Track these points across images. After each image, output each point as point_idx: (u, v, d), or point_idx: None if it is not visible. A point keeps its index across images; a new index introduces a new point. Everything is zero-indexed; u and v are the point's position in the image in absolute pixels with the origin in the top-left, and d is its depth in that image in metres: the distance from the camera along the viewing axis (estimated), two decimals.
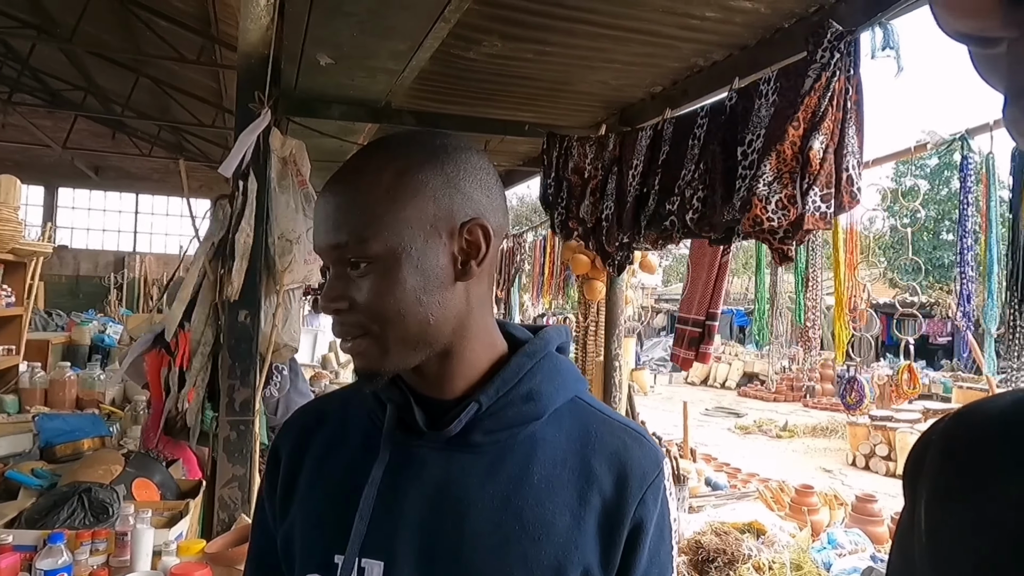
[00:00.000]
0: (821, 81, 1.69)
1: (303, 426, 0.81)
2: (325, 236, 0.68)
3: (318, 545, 0.72)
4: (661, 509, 0.72)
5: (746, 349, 17.75)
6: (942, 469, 0.44)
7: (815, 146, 1.66)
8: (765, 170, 1.70)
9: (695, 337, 3.38)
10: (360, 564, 0.69)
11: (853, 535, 3.62)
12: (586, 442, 0.73)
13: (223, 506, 2.64)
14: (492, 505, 0.69)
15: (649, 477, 0.72)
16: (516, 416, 0.71)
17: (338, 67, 2.63)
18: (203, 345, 2.65)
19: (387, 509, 0.70)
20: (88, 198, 17.11)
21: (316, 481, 0.76)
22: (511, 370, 0.72)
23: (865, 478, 7.84)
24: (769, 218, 1.69)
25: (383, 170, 0.68)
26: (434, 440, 0.71)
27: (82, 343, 6.83)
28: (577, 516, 0.69)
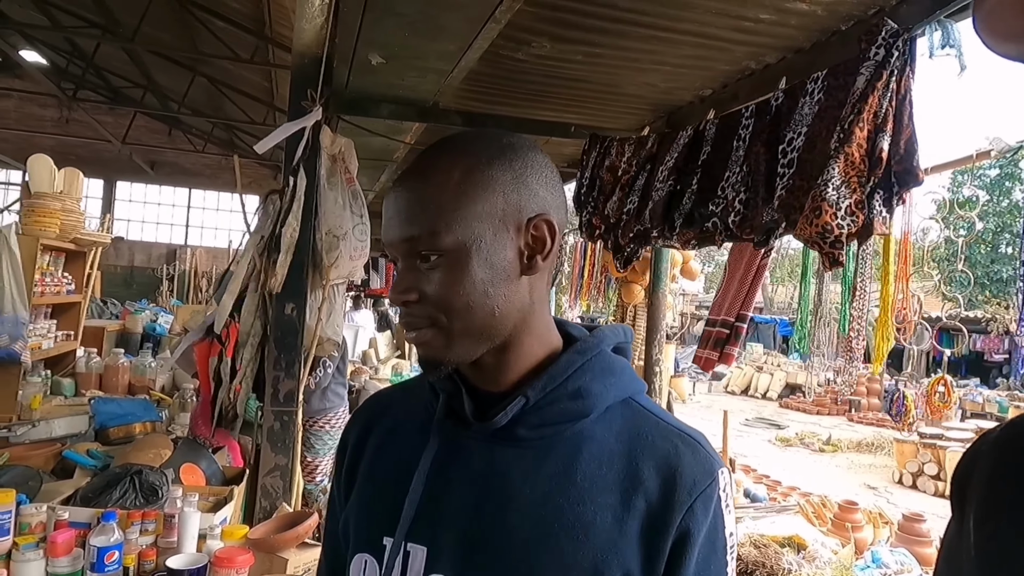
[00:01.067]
0: (881, 80, 1.63)
1: (369, 415, 0.85)
2: (398, 229, 0.69)
3: (370, 527, 0.75)
4: (714, 522, 0.69)
5: (789, 360, 17.33)
6: (994, 480, 0.43)
7: (884, 147, 1.60)
8: (833, 174, 1.63)
9: (721, 338, 3.33)
10: (406, 548, 0.71)
11: (899, 555, 3.50)
12: (635, 444, 0.71)
13: (265, 494, 2.70)
14: (533, 501, 0.69)
15: (700, 486, 0.69)
16: (563, 413, 0.71)
17: (388, 67, 2.67)
18: (252, 336, 2.72)
19: (433, 497, 0.72)
20: (144, 192, 17.74)
21: (374, 466, 0.80)
22: (560, 366, 0.72)
23: (912, 497, 7.58)
24: (839, 224, 1.62)
25: (455, 166, 0.69)
26: (481, 432, 0.72)
27: (135, 331, 7.08)
28: (619, 519, 0.68)
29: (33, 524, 1.92)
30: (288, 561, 2.04)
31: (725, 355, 3.33)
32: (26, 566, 1.83)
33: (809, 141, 1.93)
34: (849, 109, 1.70)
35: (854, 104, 1.69)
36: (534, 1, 2.27)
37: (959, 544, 0.45)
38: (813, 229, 1.65)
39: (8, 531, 1.87)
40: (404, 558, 0.71)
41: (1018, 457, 0.43)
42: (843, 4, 2.22)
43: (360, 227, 2.91)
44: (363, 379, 6.71)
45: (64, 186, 4.39)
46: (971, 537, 0.43)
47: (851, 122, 1.66)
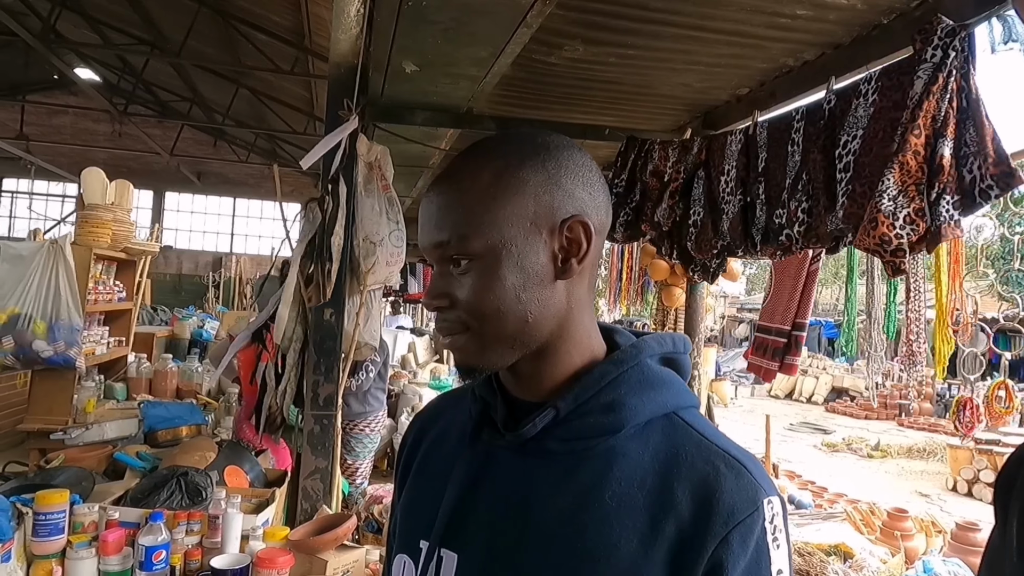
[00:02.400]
0: (939, 82, 1.57)
1: (423, 421, 0.87)
2: (428, 235, 0.69)
3: (410, 529, 0.76)
4: (755, 557, 0.62)
5: (835, 363, 16.86)
6: None
7: (945, 153, 1.54)
8: (888, 184, 1.57)
9: (779, 347, 3.24)
10: (439, 553, 0.71)
11: (952, 565, 3.37)
12: (672, 464, 0.66)
13: (306, 496, 2.75)
14: (557, 517, 0.66)
15: (739, 515, 0.62)
16: (594, 426, 0.68)
17: (422, 74, 2.70)
18: (294, 342, 2.77)
19: (467, 504, 0.72)
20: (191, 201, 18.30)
21: (420, 471, 0.81)
22: (593, 377, 0.69)
23: (967, 505, 7.29)
24: (898, 235, 1.56)
25: (484, 169, 0.68)
26: (513, 442, 0.70)
27: (183, 337, 7.31)
28: (646, 544, 0.63)
29: (86, 523, 2.00)
30: (328, 563, 2.08)
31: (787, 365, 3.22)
32: (79, 564, 1.90)
33: (865, 144, 1.88)
34: (908, 115, 1.63)
35: (912, 110, 1.62)
36: (565, 4, 2.27)
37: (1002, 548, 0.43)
38: (871, 240, 1.59)
39: (63, 530, 1.94)
40: (438, 563, 0.71)
41: None
42: None
43: (396, 233, 2.94)
44: (402, 383, 6.79)
45: (116, 197, 4.56)
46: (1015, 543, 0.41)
47: (907, 129, 1.60)
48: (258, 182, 17.49)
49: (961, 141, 1.55)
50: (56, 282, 3.88)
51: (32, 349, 3.81)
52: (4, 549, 1.82)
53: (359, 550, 2.22)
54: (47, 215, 15.68)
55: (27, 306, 3.81)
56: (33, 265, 3.86)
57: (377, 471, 5.47)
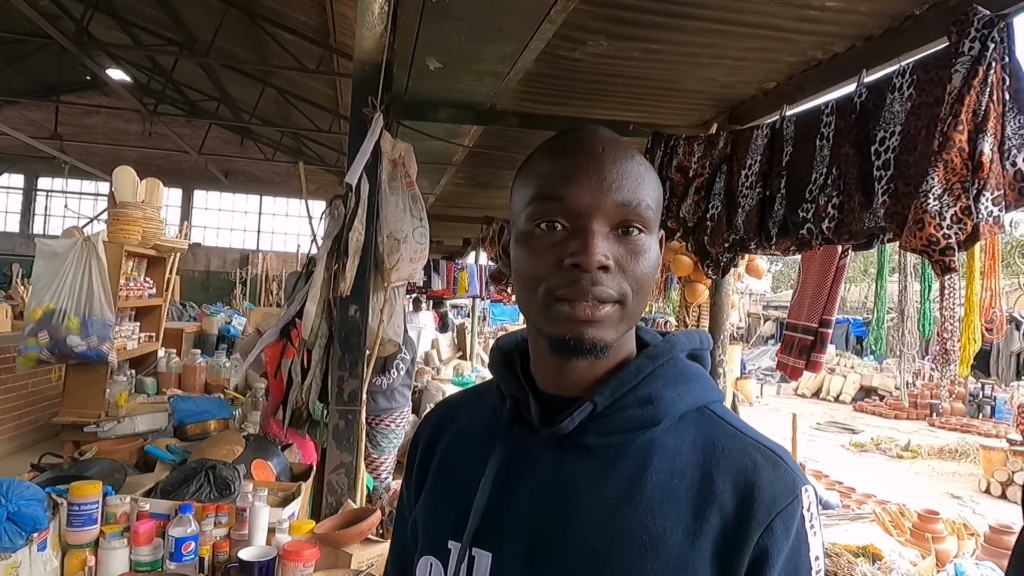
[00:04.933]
0: (978, 76, 1.53)
1: (439, 419, 0.85)
2: (617, 192, 0.66)
3: (436, 530, 0.75)
4: (796, 544, 0.64)
5: (863, 361, 16.57)
6: None
7: (985, 149, 1.49)
8: (933, 183, 1.53)
9: (806, 345, 3.19)
10: (471, 553, 0.71)
11: (985, 568, 3.29)
12: (710, 455, 0.68)
13: (331, 490, 2.78)
14: (600, 511, 0.66)
15: (780, 503, 0.64)
16: (632, 420, 0.68)
17: (446, 71, 2.71)
18: (320, 338, 2.80)
19: (500, 502, 0.71)
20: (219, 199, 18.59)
21: (442, 470, 0.79)
22: (630, 371, 0.70)
23: (1001, 507, 7.11)
24: (945, 235, 1.53)
25: (636, 154, 0.70)
26: (548, 438, 0.70)
27: (211, 333, 7.43)
28: (691, 534, 0.64)
29: (118, 514, 2.04)
30: (352, 556, 2.10)
31: (812, 363, 3.17)
32: (112, 554, 1.94)
33: (906, 141, 1.83)
34: (948, 110, 1.59)
35: (952, 104, 1.57)
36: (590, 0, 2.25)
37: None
38: (918, 242, 1.55)
39: (96, 520, 1.99)
40: (469, 563, 0.70)
41: None
42: None
43: (420, 230, 2.96)
44: (425, 379, 6.82)
45: (146, 195, 4.65)
46: None
47: (949, 125, 1.55)
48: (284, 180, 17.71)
49: (1004, 134, 1.50)
50: (89, 278, 3.97)
51: (66, 344, 3.90)
52: (40, 538, 1.87)
53: (383, 544, 2.24)
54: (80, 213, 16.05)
55: (61, 302, 3.91)
56: (67, 262, 3.95)
57: (401, 466, 5.52)
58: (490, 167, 4.98)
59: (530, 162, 0.72)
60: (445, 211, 6.97)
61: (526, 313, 0.71)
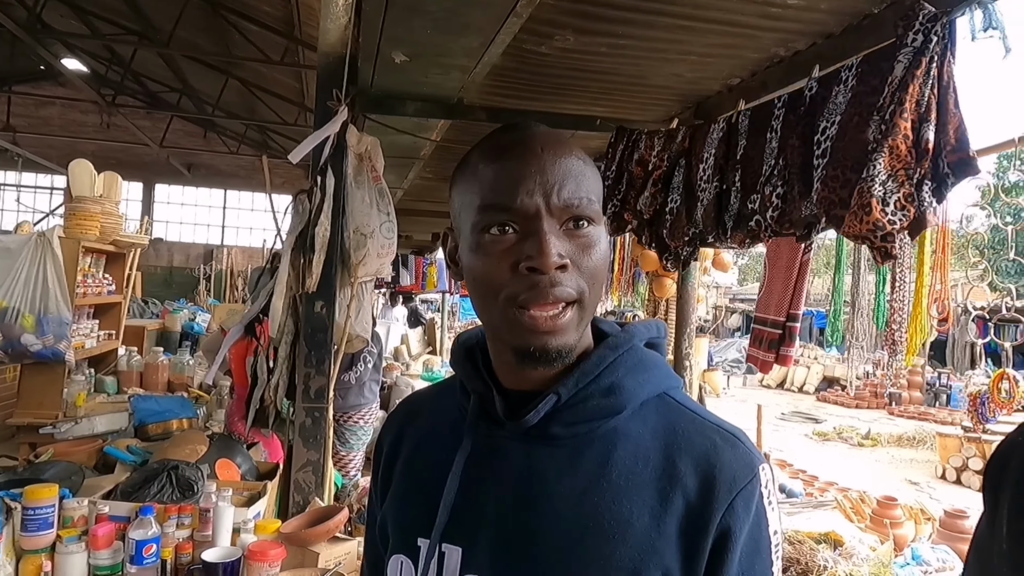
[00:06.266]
0: (921, 67, 1.57)
1: (403, 417, 0.86)
2: (566, 189, 0.66)
3: (405, 529, 0.76)
4: (756, 520, 0.67)
5: (826, 352, 16.96)
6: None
7: (929, 137, 1.53)
8: (879, 168, 1.56)
9: (775, 339, 3.25)
10: (441, 548, 0.71)
11: (941, 552, 3.40)
12: (672, 440, 0.70)
13: (298, 489, 2.75)
14: (569, 499, 0.68)
15: (740, 482, 0.67)
16: (596, 409, 0.70)
17: (412, 64, 2.68)
18: (286, 334, 2.76)
19: (468, 497, 0.72)
20: (181, 193, 18.18)
21: (409, 469, 0.80)
22: (592, 362, 0.71)
23: (956, 493, 7.37)
24: (890, 220, 1.55)
25: (575, 148, 0.71)
26: (515, 431, 0.71)
27: (174, 330, 7.27)
28: (657, 517, 0.66)
29: (76, 518, 1.99)
30: (319, 555, 2.08)
31: (782, 356, 3.24)
32: (69, 558, 1.89)
33: (841, 129, 1.87)
34: (888, 98, 1.63)
35: (893, 92, 1.62)
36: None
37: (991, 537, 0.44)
38: (864, 227, 1.58)
39: (52, 524, 1.93)
40: (439, 559, 0.71)
41: None
42: None
43: (387, 225, 2.93)
44: (395, 375, 6.78)
45: (104, 190, 4.52)
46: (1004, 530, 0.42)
47: (893, 112, 1.59)
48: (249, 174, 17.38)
49: (939, 127, 1.55)
50: (44, 275, 3.85)
51: (21, 343, 3.78)
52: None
53: (351, 542, 2.22)
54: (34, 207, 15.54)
55: (15, 300, 3.78)
56: (21, 258, 3.82)
57: (370, 462, 5.48)
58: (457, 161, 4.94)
59: (469, 166, 0.72)
60: (413, 205, 6.92)
61: (486, 322, 0.72)
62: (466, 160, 0.73)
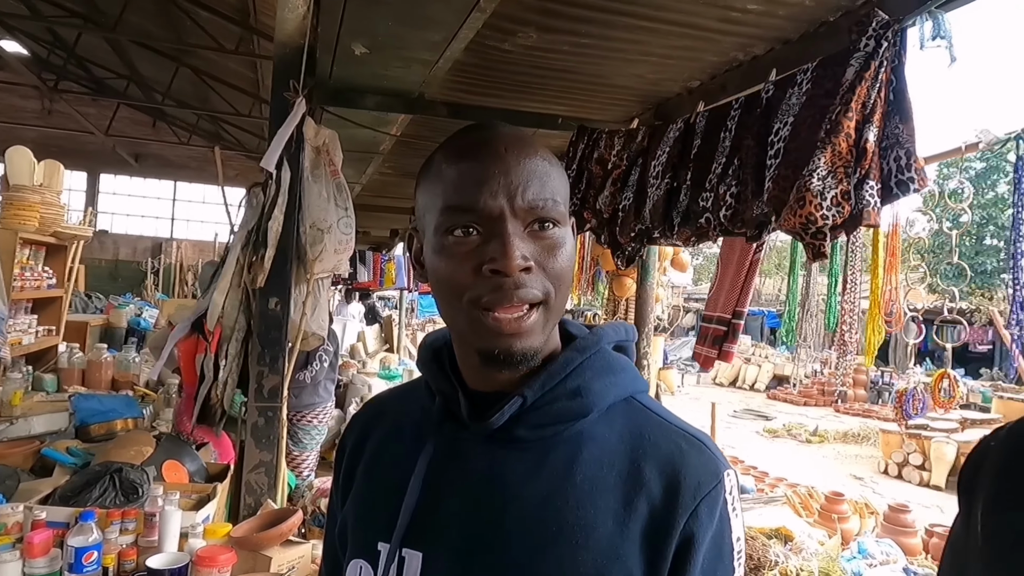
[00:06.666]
0: (870, 71, 1.61)
1: (366, 419, 0.84)
2: (531, 190, 0.66)
3: (365, 532, 0.74)
4: (720, 526, 0.66)
5: (776, 351, 17.44)
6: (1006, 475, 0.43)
7: (870, 138, 1.58)
8: (819, 164, 1.60)
9: (719, 335, 3.31)
10: (401, 553, 0.70)
11: (884, 545, 3.52)
12: (637, 444, 0.69)
13: (250, 491, 2.67)
14: (532, 503, 0.67)
15: (705, 488, 0.66)
16: (562, 412, 0.69)
17: (373, 57, 2.63)
18: (237, 331, 2.68)
19: (430, 501, 0.70)
20: (129, 184, 17.53)
21: (371, 471, 0.78)
22: (559, 364, 0.70)
23: (897, 487, 7.65)
24: (824, 216, 1.59)
25: (546, 149, 0.70)
26: (479, 433, 0.70)
27: (119, 326, 7.00)
28: (621, 522, 0.65)
29: (9, 524, 1.89)
30: (272, 559, 2.02)
31: (724, 353, 3.30)
32: (1, 568, 1.79)
33: (794, 130, 1.91)
34: (838, 100, 1.68)
35: (843, 95, 1.66)
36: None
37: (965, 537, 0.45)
38: (797, 220, 1.62)
39: None
40: (399, 564, 0.69)
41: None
42: None
43: (345, 220, 2.87)
44: (351, 373, 6.68)
45: (44, 179, 4.31)
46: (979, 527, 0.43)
47: (839, 112, 1.64)
48: (200, 165, 16.88)
49: (885, 132, 1.59)
50: None
51: None
52: None
53: (305, 545, 2.17)
54: None
55: None
56: None
57: (324, 462, 5.38)
58: (419, 157, 4.89)
59: (433, 167, 0.70)
60: (372, 201, 6.82)
61: (451, 324, 0.70)
62: (430, 160, 0.72)
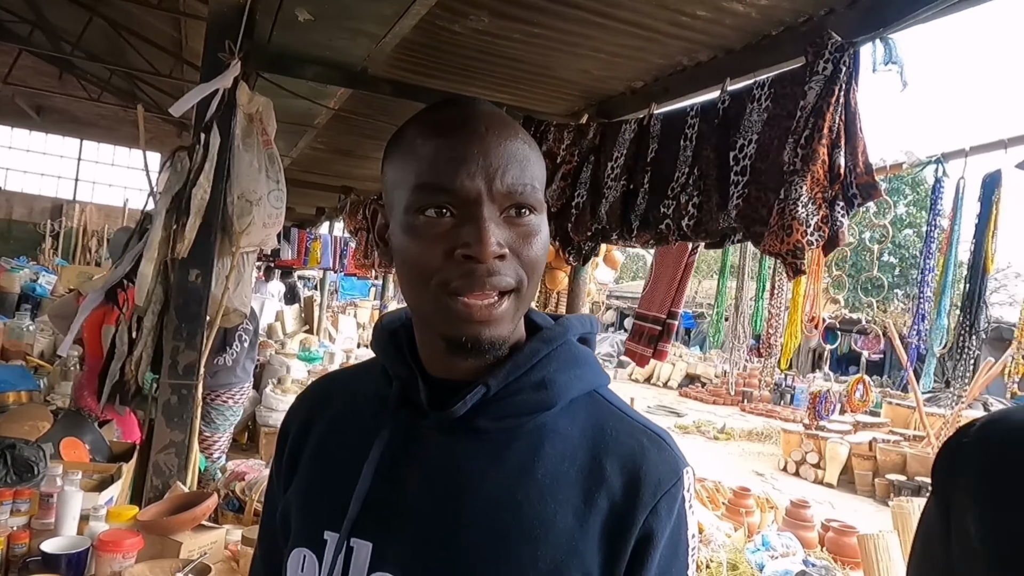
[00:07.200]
0: (833, 95, 1.68)
1: (313, 401, 0.79)
2: (509, 175, 0.63)
3: (311, 520, 0.70)
4: (677, 523, 0.66)
5: (690, 351, 18.14)
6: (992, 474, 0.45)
7: (840, 162, 1.66)
8: (801, 192, 1.67)
9: (655, 334, 3.40)
10: (350, 543, 0.66)
11: (785, 538, 3.73)
12: (599, 440, 0.68)
13: (158, 472, 2.53)
14: (491, 496, 0.65)
15: (665, 485, 0.66)
16: (526, 403, 0.67)
17: (317, 25, 2.52)
18: (154, 303, 2.52)
19: (384, 489, 0.67)
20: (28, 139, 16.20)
21: (319, 457, 0.74)
22: (524, 355, 0.68)
23: (794, 484, 8.12)
24: (809, 241, 1.67)
25: (521, 131, 0.67)
26: (438, 422, 0.67)
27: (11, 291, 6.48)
28: (581, 518, 0.64)
29: None
30: (182, 544, 1.91)
31: (659, 351, 3.40)
32: None
33: (761, 150, 1.98)
34: (803, 123, 1.74)
35: (807, 118, 1.73)
36: None
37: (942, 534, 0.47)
38: (784, 246, 1.69)
39: None
40: (347, 555, 0.66)
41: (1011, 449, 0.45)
42: (776, 10, 2.28)
43: (276, 193, 2.75)
44: (268, 353, 6.45)
45: None
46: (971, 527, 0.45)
47: (810, 139, 1.70)
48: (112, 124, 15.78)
49: (847, 152, 1.68)
50: None
51: None
52: None
53: (219, 530, 2.07)
54: None
55: None
56: None
57: (236, 444, 5.17)
58: (355, 134, 4.76)
59: (406, 140, 0.67)
60: (301, 176, 6.58)
61: (415, 308, 0.67)
62: (402, 133, 0.68)
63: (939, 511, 0.49)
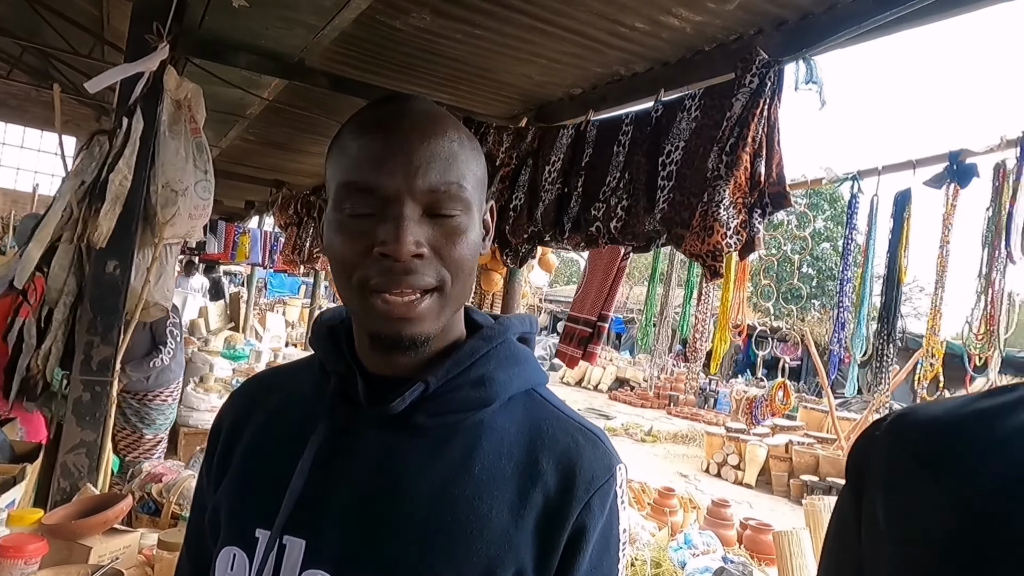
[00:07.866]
0: (758, 107, 1.77)
1: (248, 398, 0.78)
2: (430, 173, 0.63)
3: (242, 518, 0.68)
4: (609, 518, 0.68)
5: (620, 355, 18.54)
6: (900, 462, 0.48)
7: (761, 171, 1.75)
8: (724, 196, 1.76)
9: (585, 337, 3.46)
10: (282, 541, 0.65)
11: (706, 537, 3.86)
12: (536, 437, 0.69)
13: (66, 473, 2.39)
14: (427, 492, 0.65)
15: (598, 481, 0.68)
16: (464, 401, 0.68)
17: (253, 12, 2.44)
18: (66, 295, 2.37)
19: (318, 485, 0.66)
20: None
21: (251, 453, 0.72)
22: (464, 352, 0.69)
23: (715, 484, 8.42)
24: (728, 244, 1.76)
25: (458, 128, 0.67)
26: (375, 418, 0.67)
27: None
28: (516, 513, 0.65)
29: None
30: (92, 549, 1.81)
31: (589, 353, 3.45)
32: None
33: (687, 156, 2.05)
34: (728, 132, 1.82)
35: (732, 128, 1.81)
36: None
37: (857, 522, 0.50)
38: (704, 247, 1.76)
39: None
40: (279, 552, 0.65)
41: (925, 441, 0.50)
42: (709, 27, 2.37)
43: (204, 183, 2.64)
44: (190, 350, 6.19)
45: None
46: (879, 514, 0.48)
47: (733, 146, 1.78)
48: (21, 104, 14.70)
49: (766, 162, 1.76)
50: None
51: None
52: None
53: (132, 534, 1.97)
54: None
55: None
56: None
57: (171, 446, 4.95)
58: (288, 127, 4.63)
59: (341, 138, 0.68)
60: (230, 168, 6.35)
61: (345, 302, 0.68)
62: (340, 131, 0.69)
63: (851, 500, 0.52)
